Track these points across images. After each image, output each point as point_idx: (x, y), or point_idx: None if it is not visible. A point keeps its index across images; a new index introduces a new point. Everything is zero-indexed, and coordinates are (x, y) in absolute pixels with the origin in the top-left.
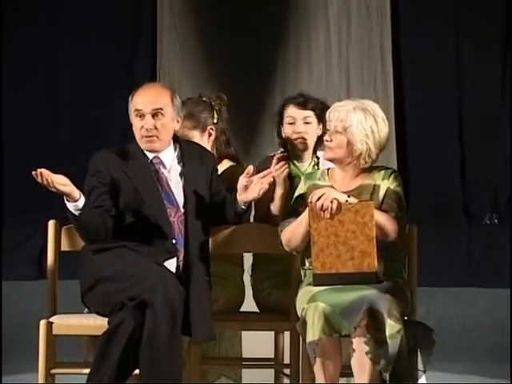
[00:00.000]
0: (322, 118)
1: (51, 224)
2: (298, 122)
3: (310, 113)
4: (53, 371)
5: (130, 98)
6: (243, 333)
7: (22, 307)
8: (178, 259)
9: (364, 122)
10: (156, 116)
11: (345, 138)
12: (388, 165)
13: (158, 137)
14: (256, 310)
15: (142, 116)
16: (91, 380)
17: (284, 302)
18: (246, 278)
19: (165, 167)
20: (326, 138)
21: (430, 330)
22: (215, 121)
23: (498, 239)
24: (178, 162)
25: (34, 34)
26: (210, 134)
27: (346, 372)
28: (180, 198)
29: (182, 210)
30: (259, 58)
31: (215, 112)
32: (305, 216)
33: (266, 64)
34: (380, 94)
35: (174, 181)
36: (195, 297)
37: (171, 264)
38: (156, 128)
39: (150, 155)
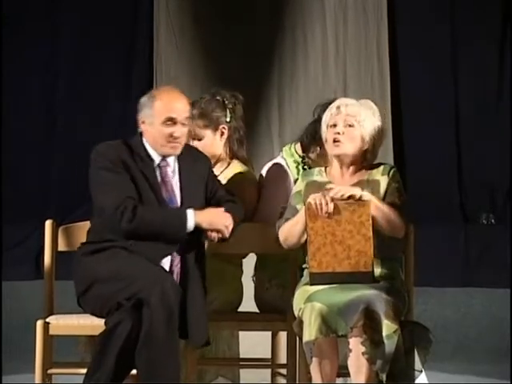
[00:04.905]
0: None
1: (48, 224)
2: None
3: None
4: (50, 371)
5: (145, 101)
6: (240, 333)
7: (19, 307)
8: (172, 257)
9: (372, 117)
10: (184, 124)
11: (357, 131)
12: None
13: (181, 143)
14: (253, 310)
15: (173, 124)
16: (88, 380)
17: (288, 300)
18: (245, 280)
19: (171, 170)
20: (336, 131)
21: (427, 330)
22: (228, 119)
23: (495, 239)
24: (176, 168)
25: (31, 35)
26: (222, 133)
27: (343, 372)
28: (179, 200)
29: None
30: (255, 55)
31: (228, 110)
32: (301, 214)
33: (263, 62)
34: (377, 92)
35: (176, 184)
36: (192, 301)
37: (165, 263)
38: (184, 135)
39: (158, 158)
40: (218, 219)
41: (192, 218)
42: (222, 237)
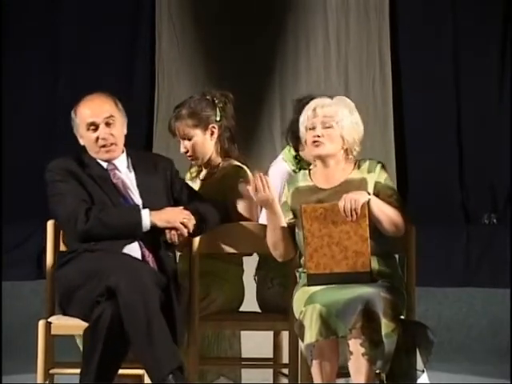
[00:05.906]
0: None
1: (50, 224)
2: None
3: None
4: (51, 371)
5: (72, 116)
6: (242, 333)
7: (20, 307)
8: (141, 249)
9: (350, 115)
10: (108, 124)
11: (336, 131)
12: (386, 164)
13: (115, 144)
14: (254, 309)
15: (95, 128)
16: (83, 380)
17: (290, 300)
18: (246, 279)
19: (120, 172)
20: (314, 134)
21: (429, 330)
22: (218, 118)
23: (496, 239)
24: (130, 171)
25: (31, 35)
26: (212, 133)
27: (344, 372)
28: (139, 202)
29: None
30: (257, 58)
31: (218, 109)
32: (268, 219)
33: (265, 64)
34: (378, 95)
35: (129, 185)
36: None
37: (134, 249)
38: (112, 135)
39: (104, 164)
40: (174, 217)
41: (147, 217)
42: (182, 234)
